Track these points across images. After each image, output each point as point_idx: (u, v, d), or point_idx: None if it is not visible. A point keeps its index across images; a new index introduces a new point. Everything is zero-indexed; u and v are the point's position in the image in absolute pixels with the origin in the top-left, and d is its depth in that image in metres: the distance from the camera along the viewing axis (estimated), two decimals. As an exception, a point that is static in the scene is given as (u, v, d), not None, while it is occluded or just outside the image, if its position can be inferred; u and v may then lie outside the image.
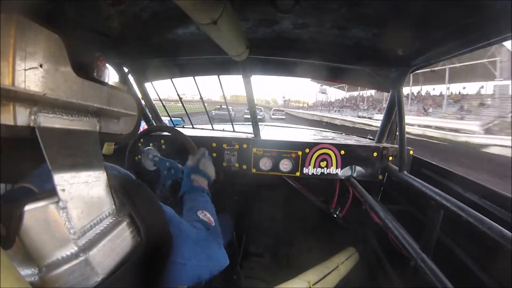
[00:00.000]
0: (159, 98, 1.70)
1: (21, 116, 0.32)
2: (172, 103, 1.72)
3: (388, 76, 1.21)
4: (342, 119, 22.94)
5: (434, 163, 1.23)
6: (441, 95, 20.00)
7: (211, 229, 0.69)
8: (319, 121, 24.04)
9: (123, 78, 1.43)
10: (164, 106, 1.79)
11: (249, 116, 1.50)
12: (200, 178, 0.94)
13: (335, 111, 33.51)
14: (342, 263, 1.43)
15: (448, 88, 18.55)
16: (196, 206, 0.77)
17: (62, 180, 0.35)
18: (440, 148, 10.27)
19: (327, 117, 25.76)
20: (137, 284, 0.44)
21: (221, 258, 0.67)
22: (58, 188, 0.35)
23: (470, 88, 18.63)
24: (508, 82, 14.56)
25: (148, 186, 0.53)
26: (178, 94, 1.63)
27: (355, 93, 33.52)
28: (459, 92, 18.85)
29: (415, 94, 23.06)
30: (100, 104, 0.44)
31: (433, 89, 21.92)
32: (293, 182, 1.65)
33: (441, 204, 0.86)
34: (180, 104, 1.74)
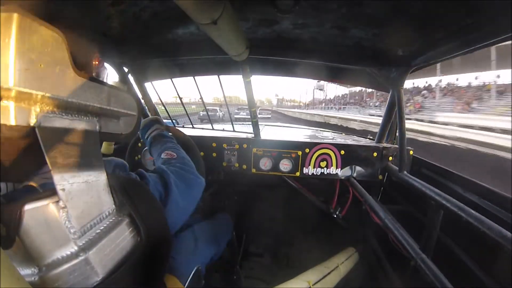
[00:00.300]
0: (159, 98, 1.70)
1: (21, 116, 0.32)
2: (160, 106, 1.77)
3: (388, 76, 1.21)
4: (359, 120, 16.63)
5: (434, 163, 1.23)
6: (470, 86, 16.19)
7: (173, 162, 0.73)
8: (322, 122, 19.78)
9: (123, 78, 1.43)
10: (164, 106, 1.79)
11: (239, 116, 1.51)
12: (151, 128, 0.98)
13: (338, 109, 30.58)
14: (342, 263, 1.43)
15: (476, 78, 15.01)
16: (158, 152, 0.82)
17: (62, 179, 0.36)
18: None
19: (335, 117, 20.04)
20: (137, 283, 0.44)
21: (198, 183, 0.73)
22: (58, 187, 0.35)
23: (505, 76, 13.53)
24: None
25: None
26: (178, 94, 1.63)
27: (358, 89, 32.00)
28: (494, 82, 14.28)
29: (431, 86, 19.63)
30: (100, 104, 0.44)
31: (440, 80, 18.67)
32: (293, 182, 1.65)
33: (441, 204, 0.86)
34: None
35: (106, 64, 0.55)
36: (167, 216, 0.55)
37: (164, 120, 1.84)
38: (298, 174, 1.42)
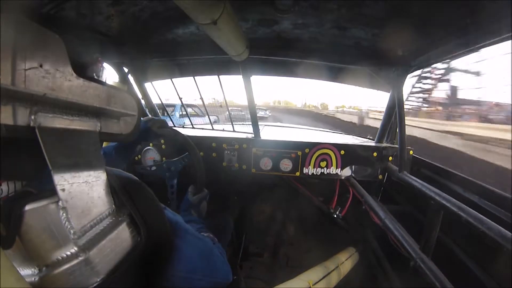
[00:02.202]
0: (159, 98, 1.70)
1: (21, 116, 0.32)
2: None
3: (388, 76, 1.21)
4: None
5: (434, 163, 1.23)
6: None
7: (216, 244, 0.72)
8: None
9: (123, 78, 1.43)
10: (164, 106, 1.79)
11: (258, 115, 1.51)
12: (195, 216, 0.98)
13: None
14: (342, 263, 1.43)
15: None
16: (198, 230, 0.79)
17: (62, 179, 0.35)
18: None
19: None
20: (136, 283, 0.44)
21: (227, 273, 0.68)
22: (58, 187, 0.35)
23: None
24: None
25: (148, 186, 0.53)
26: (178, 94, 1.63)
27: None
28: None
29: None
30: (100, 104, 0.44)
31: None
32: (293, 182, 1.65)
33: (441, 204, 0.86)
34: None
35: (106, 64, 0.55)
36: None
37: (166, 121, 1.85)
38: (298, 174, 1.42)
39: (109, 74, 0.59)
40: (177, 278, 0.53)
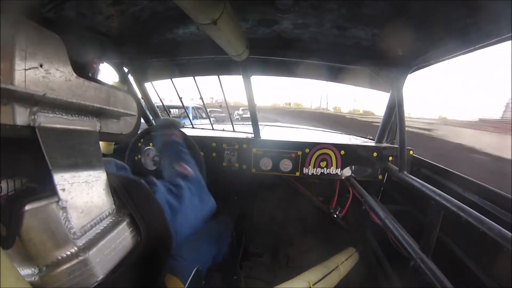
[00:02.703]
0: (159, 98, 1.71)
1: (21, 116, 0.32)
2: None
3: (389, 76, 1.21)
4: None
5: (434, 163, 1.23)
6: None
7: (190, 178, 0.71)
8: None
9: (123, 78, 1.43)
10: (164, 106, 1.79)
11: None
12: (168, 131, 0.94)
13: None
14: (342, 263, 1.43)
15: None
16: (171, 160, 0.79)
17: (62, 179, 0.35)
18: None
19: None
20: (137, 283, 0.44)
21: (210, 206, 0.71)
22: (58, 187, 0.35)
23: None
24: None
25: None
26: (178, 94, 1.63)
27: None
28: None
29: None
30: (100, 104, 0.44)
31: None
32: (293, 182, 1.65)
33: (441, 204, 0.86)
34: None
35: (106, 64, 0.55)
36: (172, 227, 0.54)
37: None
38: (298, 174, 1.42)
39: (109, 74, 0.59)
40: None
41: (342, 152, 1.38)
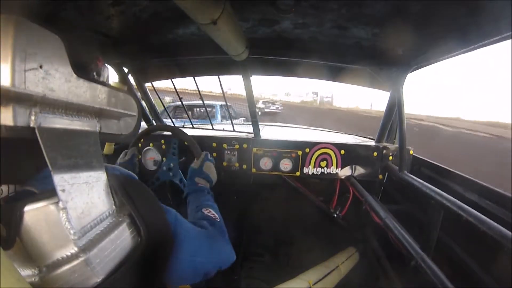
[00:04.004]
0: (159, 98, 1.71)
1: (21, 117, 0.32)
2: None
3: (389, 76, 1.21)
4: None
5: (434, 162, 1.23)
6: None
7: (217, 224, 0.73)
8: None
9: (123, 78, 1.43)
10: (164, 106, 1.79)
11: (269, 110, 1.51)
12: (203, 180, 1.00)
13: None
14: (342, 263, 1.43)
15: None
16: (200, 205, 0.82)
17: (62, 180, 0.35)
18: None
19: None
20: (137, 284, 0.44)
21: (229, 253, 0.70)
22: (58, 188, 0.35)
23: None
24: None
25: (147, 186, 0.53)
26: (178, 94, 1.63)
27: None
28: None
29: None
30: (100, 104, 0.44)
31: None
32: (293, 182, 1.65)
33: (441, 203, 0.86)
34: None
35: (106, 64, 0.55)
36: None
37: (164, 120, 1.86)
38: (298, 173, 1.42)
39: (109, 74, 0.59)
40: (178, 261, 0.54)
41: (342, 151, 1.38)
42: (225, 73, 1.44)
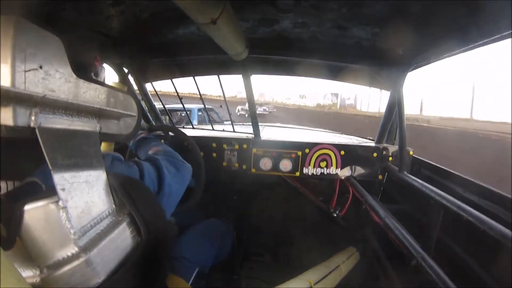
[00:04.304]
0: (159, 99, 1.70)
1: (21, 117, 0.32)
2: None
3: (389, 75, 1.21)
4: None
5: (434, 163, 1.23)
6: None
7: (161, 152, 0.81)
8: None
9: (123, 78, 1.43)
10: (164, 106, 1.79)
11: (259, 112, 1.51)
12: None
13: None
14: (342, 263, 1.43)
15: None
16: (145, 151, 0.94)
17: (62, 179, 0.35)
18: None
19: None
20: (137, 284, 0.44)
21: (184, 168, 0.78)
22: (58, 187, 0.35)
23: None
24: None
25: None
26: (178, 95, 1.63)
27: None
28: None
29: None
30: (100, 105, 0.44)
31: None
32: (293, 182, 1.65)
33: (441, 203, 0.86)
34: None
35: (105, 65, 0.55)
36: (162, 201, 0.59)
37: (164, 120, 1.86)
38: (298, 174, 1.42)
39: (110, 75, 0.59)
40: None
41: (342, 152, 1.38)
42: (225, 72, 1.44)
